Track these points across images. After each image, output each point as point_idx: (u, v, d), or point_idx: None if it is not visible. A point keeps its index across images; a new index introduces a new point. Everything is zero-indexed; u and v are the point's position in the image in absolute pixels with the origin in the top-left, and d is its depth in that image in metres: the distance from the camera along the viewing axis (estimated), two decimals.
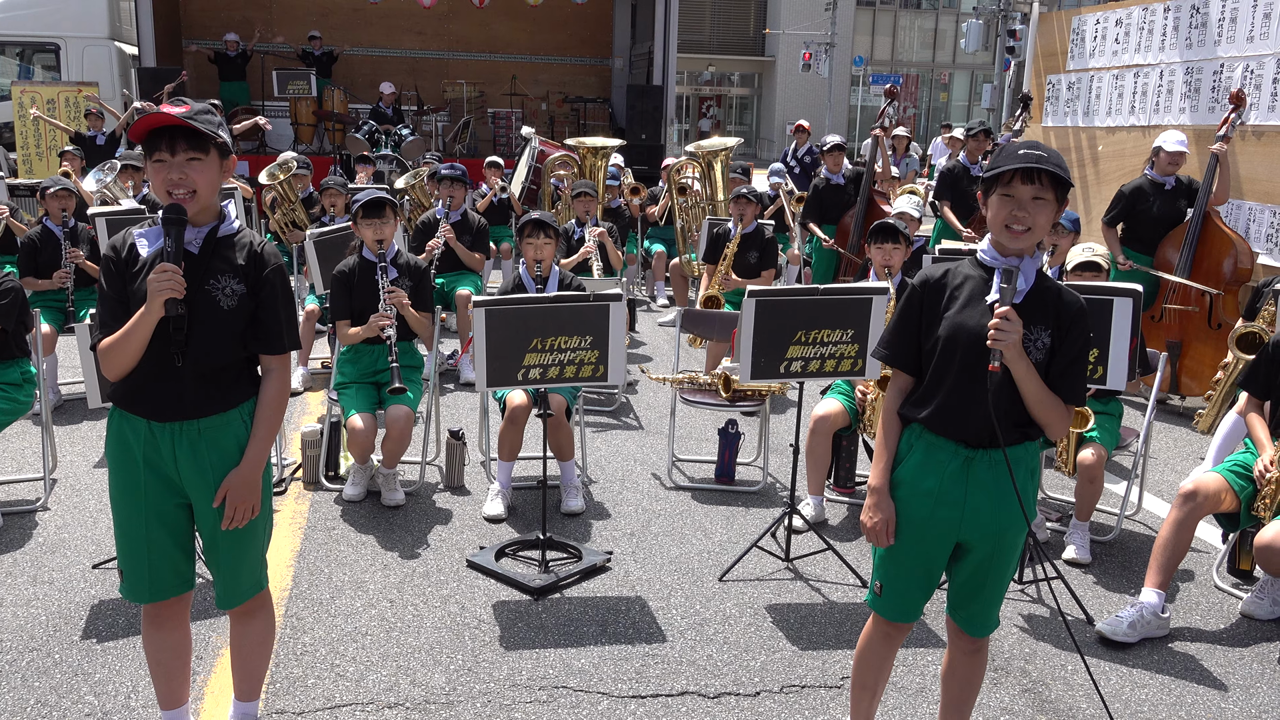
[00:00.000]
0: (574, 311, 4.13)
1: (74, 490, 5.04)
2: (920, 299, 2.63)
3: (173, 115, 2.49)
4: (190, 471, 2.65)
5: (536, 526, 4.63)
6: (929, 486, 2.62)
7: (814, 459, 4.85)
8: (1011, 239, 2.53)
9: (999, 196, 2.53)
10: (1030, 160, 2.46)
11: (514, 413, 4.82)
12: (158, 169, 2.54)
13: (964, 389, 2.55)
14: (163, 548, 2.71)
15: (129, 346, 2.54)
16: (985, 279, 2.59)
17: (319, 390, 6.84)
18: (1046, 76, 9.67)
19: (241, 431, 2.68)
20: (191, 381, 2.60)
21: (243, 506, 2.66)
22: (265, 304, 2.65)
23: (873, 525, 2.68)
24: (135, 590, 2.75)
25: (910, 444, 2.67)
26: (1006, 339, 2.46)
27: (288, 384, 2.77)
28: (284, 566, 4.26)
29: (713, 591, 4.17)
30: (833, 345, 4.22)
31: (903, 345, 2.66)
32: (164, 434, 2.63)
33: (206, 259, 2.61)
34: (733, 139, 10.00)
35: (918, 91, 43.96)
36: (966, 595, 2.74)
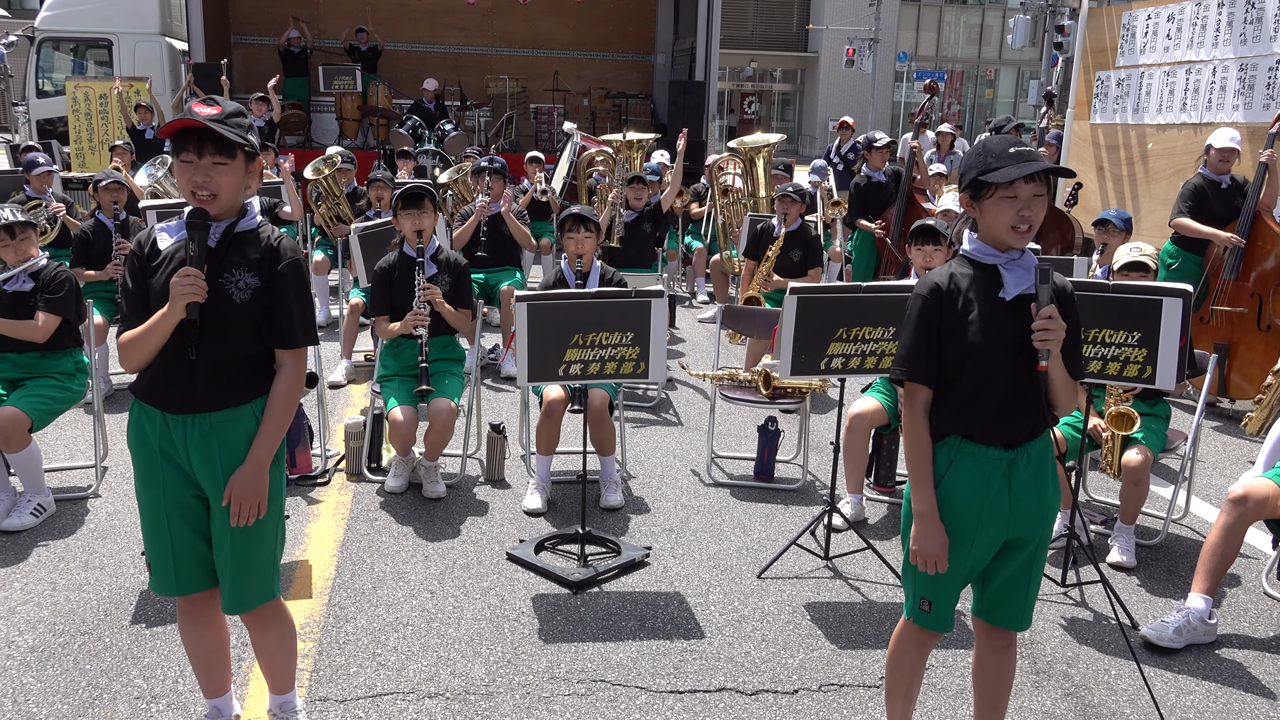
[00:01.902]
0: (615, 308, 4.15)
1: (124, 478, 5.15)
2: (938, 309, 2.58)
3: (200, 119, 2.51)
4: (201, 465, 2.65)
5: (576, 521, 4.65)
6: (975, 500, 2.60)
7: (852, 457, 4.83)
8: (1018, 239, 2.53)
9: (999, 200, 2.51)
10: (1030, 160, 2.48)
11: (550, 406, 4.85)
12: (184, 169, 2.57)
13: (1010, 392, 2.54)
14: (185, 540, 2.71)
15: (147, 344, 2.57)
16: (986, 277, 2.58)
17: (362, 383, 6.92)
18: (1095, 73, 9.53)
19: (252, 427, 2.66)
20: (204, 375, 2.60)
21: (247, 504, 2.63)
22: (279, 298, 2.64)
23: (927, 554, 2.61)
24: (163, 583, 2.75)
25: (949, 459, 2.62)
26: (1055, 338, 2.46)
27: (300, 380, 2.73)
28: (327, 556, 4.32)
29: (751, 588, 4.17)
30: (874, 342, 4.20)
31: (926, 358, 2.60)
32: (177, 426, 2.63)
33: (222, 252, 2.62)
34: (775, 135, 9.95)
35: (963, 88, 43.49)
36: (1010, 590, 2.72)
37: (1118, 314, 3.92)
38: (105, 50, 16.24)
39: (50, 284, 4.68)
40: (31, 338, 4.62)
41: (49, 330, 4.64)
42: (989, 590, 2.75)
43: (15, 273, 4.64)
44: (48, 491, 4.71)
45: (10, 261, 4.68)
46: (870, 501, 5.13)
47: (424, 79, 15.37)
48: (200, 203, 2.57)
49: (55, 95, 15.81)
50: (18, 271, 4.64)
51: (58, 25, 16.31)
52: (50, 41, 16.39)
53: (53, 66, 16.50)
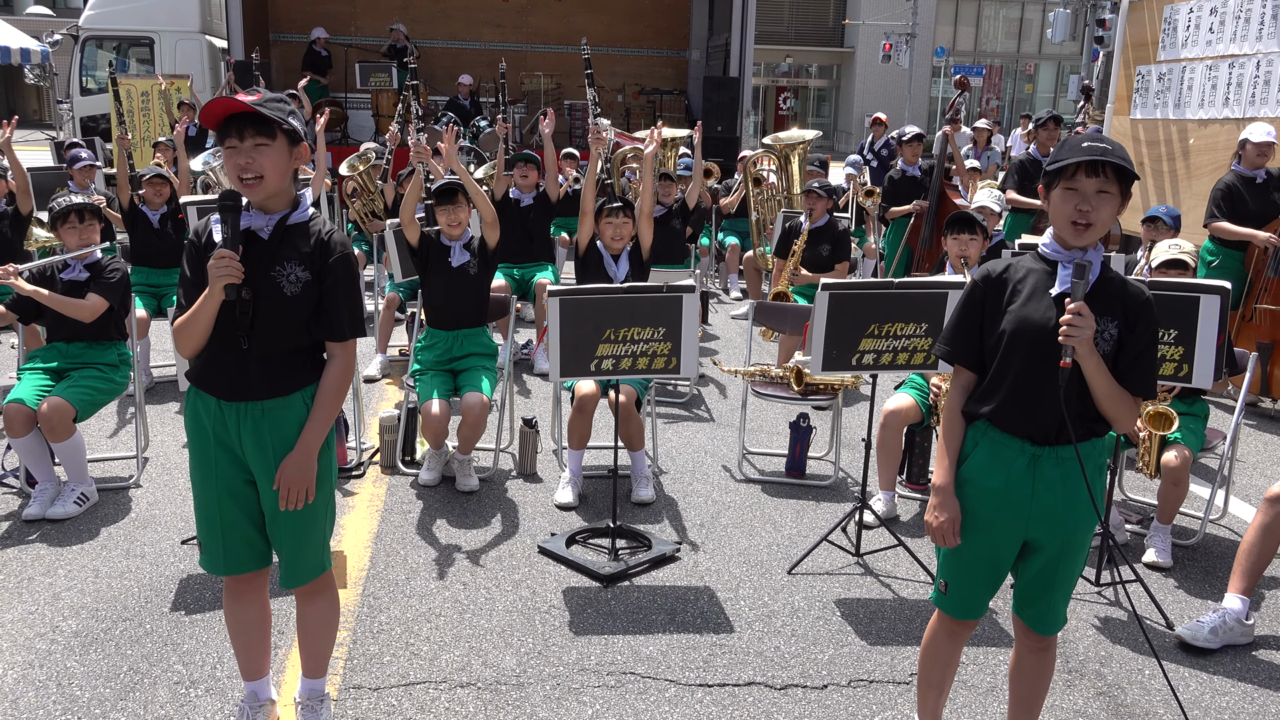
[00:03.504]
0: (648, 303, 4.17)
1: (164, 469, 5.25)
2: (983, 294, 2.61)
3: (239, 101, 2.58)
4: (253, 451, 2.74)
5: (607, 515, 4.68)
6: (994, 484, 2.60)
7: (885, 454, 4.82)
8: (1076, 234, 2.50)
9: (1062, 191, 2.50)
10: (1095, 153, 2.43)
11: (582, 401, 4.89)
12: (229, 155, 2.63)
13: (1031, 384, 2.53)
14: (235, 522, 2.81)
15: (195, 327, 2.65)
16: (1048, 273, 2.57)
17: (396, 377, 6.99)
18: (1136, 67, 9.41)
19: (304, 414, 2.75)
20: (257, 363, 2.68)
21: (295, 489, 2.71)
22: (329, 291, 2.71)
23: (938, 525, 2.66)
24: (212, 562, 2.86)
25: (975, 441, 2.65)
26: (1079, 335, 2.43)
27: (349, 371, 2.81)
28: (362, 548, 4.38)
29: (781, 584, 4.18)
30: (906, 339, 4.19)
31: (965, 340, 2.63)
32: (231, 413, 2.72)
33: (275, 245, 2.69)
34: (810, 132, 9.92)
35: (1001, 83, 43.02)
36: (1034, 593, 2.71)
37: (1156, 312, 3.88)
38: (147, 48, 16.50)
39: (104, 272, 4.79)
40: (79, 315, 4.69)
41: (96, 311, 4.72)
42: (1017, 589, 2.77)
43: (73, 258, 4.75)
44: (90, 481, 4.81)
45: (71, 245, 4.79)
46: (902, 499, 5.11)
47: (459, 76, 15.47)
48: (247, 187, 2.63)
49: (98, 93, 16.08)
50: (74, 257, 4.75)
51: (101, 24, 16.59)
52: (94, 40, 16.67)
53: (96, 64, 16.79)
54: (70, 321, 4.73)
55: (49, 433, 4.58)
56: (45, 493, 4.68)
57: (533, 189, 7.58)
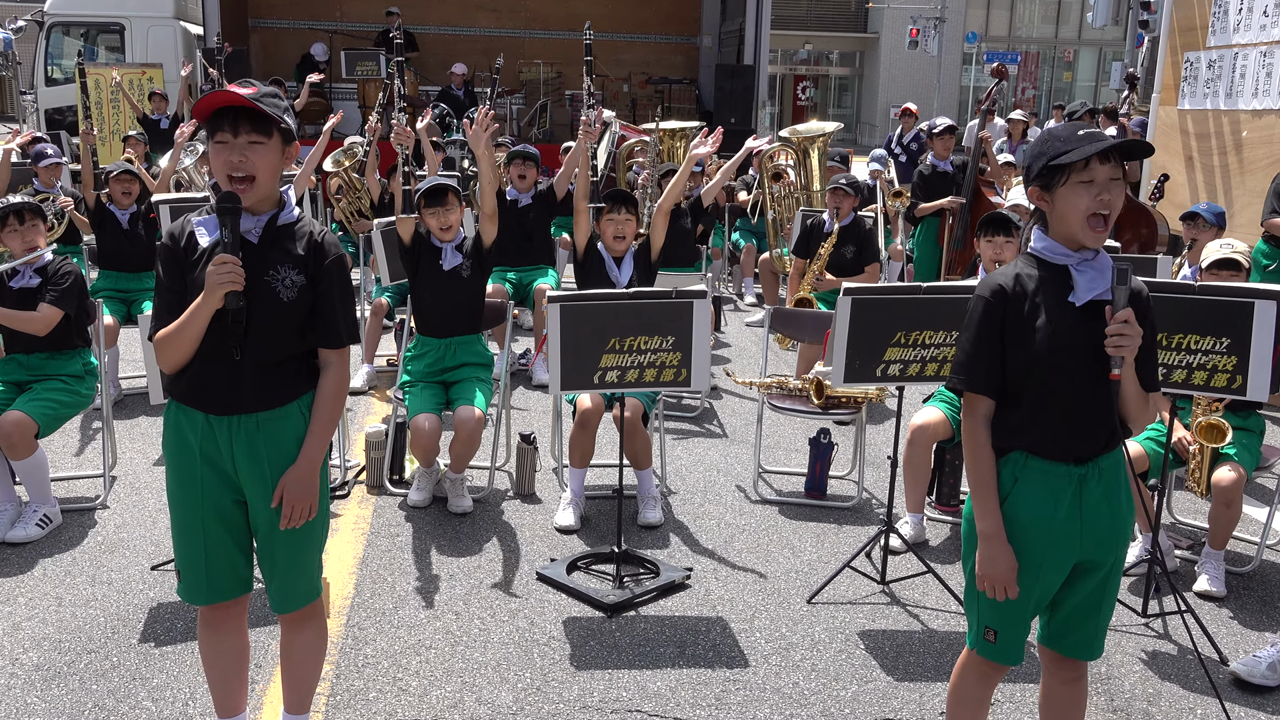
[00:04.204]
0: (655, 309, 4.17)
1: (133, 489, 5.26)
2: (1001, 313, 2.58)
3: (238, 95, 2.60)
4: (247, 467, 2.75)
5: (611, 539, 4.68)
6: (1044, 519, 2.59)
7: (913, 473, 4.81)
8: (1094, 236, 2.51)
9: (1074, 185, 2.50)
10: (1106, 140, 2.47)
11: (584, 416, 4.89)
12: (218, 150, 2.65)
13: (1082, 404, 2.55)
14: (221, 546, 2.82)
15: (185, 338, 2.66)
16: (1055, 278, 2.57)
17: (384, 389, 7.00)
18: (1184, 54, 9.40)
19: (300, 425, 2.78)
20: (250, 374, 2.71)
21: (300, 506, 2.75)
22: (324, 295, 2.75)
23: (998, 576, 2.60)
24: (193, 591, 2.86)
25: (1014, 476, 2.62)
26: (1131, 344, 2.46)
27: (346, 379, 2.86)
28: (346, 574, 4.38)
29: (800, 614, 4.17)
30: (935, 348, 4.19)
31: (989, 367, 2.59)
32: (221, 428, 2.74)
33: (266, 249, 2.71)
34: (831, 124, 9.93)
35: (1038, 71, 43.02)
36: (1080, 617, 2.71)
37: (1205, 318, 3.87)
38: (117, 35, 16.59)
39: (54, 276, 4.78)
40: (31, 329, 4.68)
41: (50, 322, 4.71)
42: (1058, 616, 2.74)
43: (19, 264, 4.74)
44: (54, 502, 4.82)
45: (15, 250, 4.78)
46: (931, 521, 5.10)
47: (452, 64, 15.51)
48: (237, 186, 2.65)
49: (65, 83, 16.16)
50: (21, 263, 4.74)
51: (68, 9, 16.68)
52: (60, 26, 16.76)
53: (62, 53, 16.88)
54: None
55: (9, 450, 4.59)
56: (5, 514, 4.69)
57: (530, 189, 7.59)
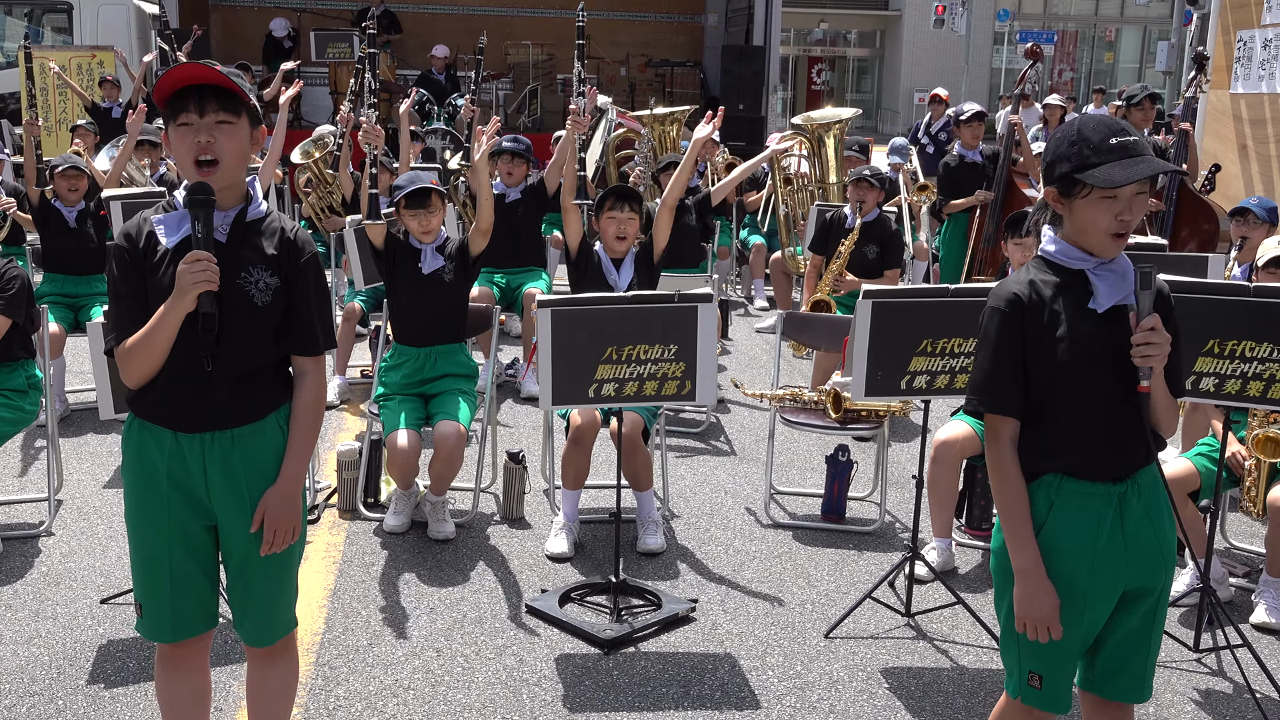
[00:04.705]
0: (656, 315, 4.18)
1: (81, 514, 5.25)
2: (1020, 325, 2.58)
3: (206, 68, 2.61)
4: (222, 488, 2.74)
5: (608, 567, 4.67)
6: (1086, 545, 2.59)
7: (939, 493, 4.81)
8: (1114, 248, 2.55)
9: (1096, 201, 2.51)
10: (1135, 154, 2.47)
11: (578, 432, 4.89)
12: (181, 134, 2.63)
13: (1109, 419, 2.56)
14: (189, 578, 2.81)
15: (154, 347, 2.64)
16: (1073, 284, 2.58)
17: (357, 403, 7.00)
18: (1236, 32, 9.43)
19: (279, 441, 2.79)
20: (222, 386, 2.70)
21: (284, 528, 2.75)
22: (300, 298, 2.75)
23: (1041, 617, 2.58)
24: (156, 627, 2.84)
25: (1049, 501, 2.62)
26: (1159, 353, 2.47)
27: (324, 388, 2.87)
28: (315, 607, 4.38)
29: (817, 650, 4.16)
30: (965, 357, 4.19)
31: (1008, 386, 2.59)
32: (192, 446, 2.73)
33: (235, 248, 2.71)
34: (848, 110, 9.95)
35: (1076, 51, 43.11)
36: (1128, 653, 2.70)
37: (1261, 322, 3.87)
38: (64, 15, 16.61)
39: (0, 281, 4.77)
40: None
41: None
42: (1102, 654, 2.73)
43: None
44: None
45: None
46: (961, 547, 5.10)
47: (433, 46, 15.53)
48: (202, 172, 2.64)
49: (7, 68, 16.19)
50: None
51: None
52: (1, 5, 16.79)
53: (4, 34, 16.91)
54: None
55: None
56: None
57: (520, 184, 7.60)
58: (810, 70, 41.32)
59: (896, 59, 41.60)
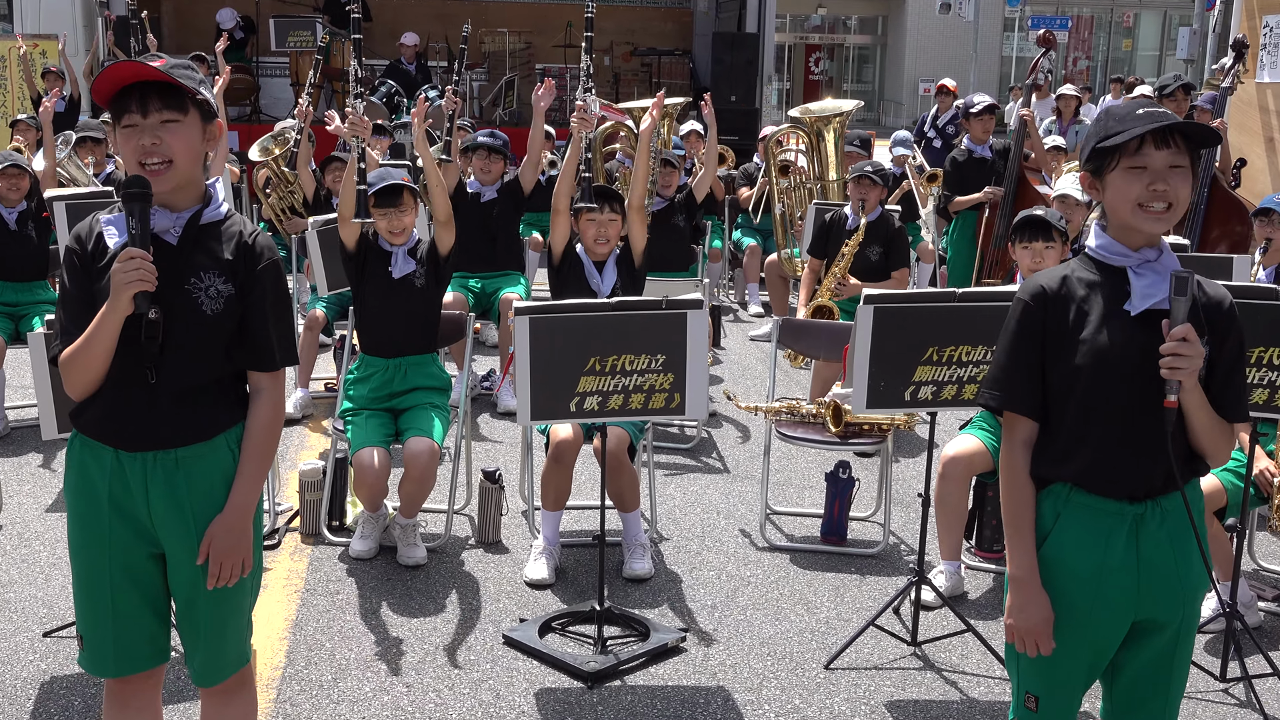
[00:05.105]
0: (642, 322, 4.18)
1: (22, 540, 5.23)
2: (1041, 319, 2.61)
3: (143, 66, 2.60)
4: (166, 514, 2.73)
5: (591, 594, 4.67)
6: (1091, 564, 2.60)
7: (947, 513, 4.82)
8: (1150, 221, 2.53)
9: (1124, 171, 2.53)
10: (1162, 119, 2.48)
11: (559, 449, 4.89)
12: (127, 135, 2.64)
13: (1127, 431, 2.56)
14: (132, 608, 2.79)
15: (92, 356, 2.63)
16: (1111, 283, 2.59)
17: (321, 418, 6.99)
18: (1263, 17, 9.49)
19: (229, 463, 2.77)
20: (167, 402, 2.69)
21: (230, 561, 2.74)
22: (255, 308, 2.74)
23: (1027, 629, 2.62)
24: (98, 661, 2.83)
25: (1055, 511, 2.64)
26: (1189, 366, 2.45)
27: (282, 408, 2.86)
28: (276, 640, 4.37)
29: (817, 682, 4.16)
30: (974, 365, 4.20)
31: (1024, 383, 2.62)
32: (134, 466, 2.72)
33: (186, 251, 2.70)
34: (849, 102, 9.98)
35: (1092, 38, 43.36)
36: (1146, 691, 2.71)
37: None
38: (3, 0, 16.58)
39: None
40: None
41: None
42: (1119, 687, 2.75)
43: None
44: None
45: None
46: (970, 571, 5.11)
47: (401, 34, 15.53)
48: (152, 174, 2.63)
49: None
50: None
51: None
52: None
53: None
54: None
55: None
56: None
57: (496, 182, 7.60)
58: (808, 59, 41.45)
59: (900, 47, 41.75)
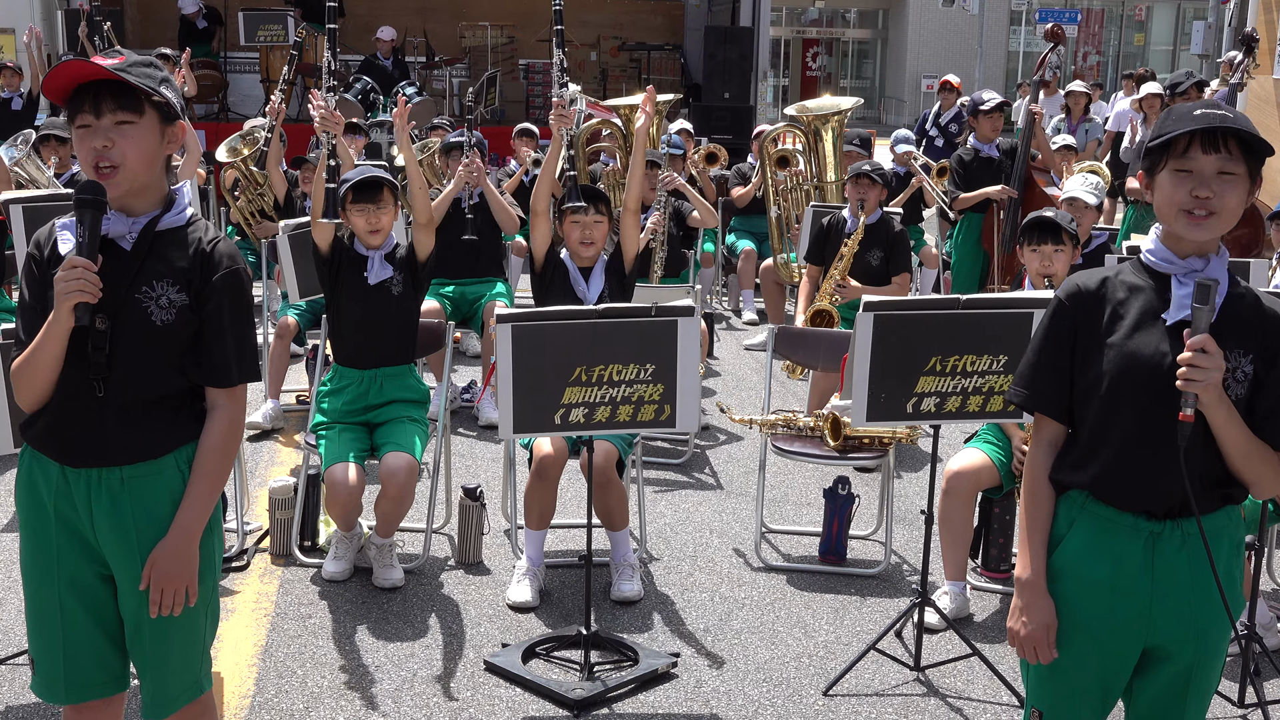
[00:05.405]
0: (631, 330, 4.18)
1: None
2: (1072, 319, 2.64)
3: (94, 65, 2.59)
4: (110, 534, 2.73)
5: (577, 617, 4.67)
6: (1100, 576, 2.62)
7: (951, 531, 4.83)
8: (1191, 228, 2.53)
9: (1171, 173, 2.54)
10: (1212, 120, 2.47)
11: (542, 464, 4.88)
12: (81, 137, 2.65)
13: (1145, 443, 2.56)
14: (82, 630, 2.79)
15: (39, 366, 2.64)
16: (1157, 290, 2.60)
17: (292, 432, 6.98)
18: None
19: (177, 485, 2.76)
20: (115, 417, 2.68)
21: (172, 588, 2.71)
22: (211, 319, 2.73)
23: (1027, 634, 2.67)
24: (49, 687, 2.82)
25: (1070, 518, 2.67)
26: (1205, 379, 2.43)
27: (238, 426, 2.84)
28: (245, 667, 4.36)
29: (815, 709, 4.16)
30: (979, 376, 4.21)
31: (1050, 383, 2.66)
32: (79, 483, 2.72)
33: (141, 258, 2.70)
34: (848, 99, 10.01)
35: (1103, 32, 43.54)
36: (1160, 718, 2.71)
37: None
38: None
39: None
40: None
41: None
42: (1134, 713, 2.77)
43: None
44: None
45: None
46: (976, 591, 5.12)
47: (377, 28, 15.54)
48: (104, 177, 2.64)
49: None
50: None
51: None
52: None
53: None
54: None
55: None
56: None
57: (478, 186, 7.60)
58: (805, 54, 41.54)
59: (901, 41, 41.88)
